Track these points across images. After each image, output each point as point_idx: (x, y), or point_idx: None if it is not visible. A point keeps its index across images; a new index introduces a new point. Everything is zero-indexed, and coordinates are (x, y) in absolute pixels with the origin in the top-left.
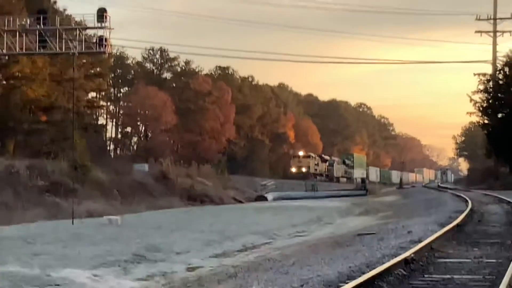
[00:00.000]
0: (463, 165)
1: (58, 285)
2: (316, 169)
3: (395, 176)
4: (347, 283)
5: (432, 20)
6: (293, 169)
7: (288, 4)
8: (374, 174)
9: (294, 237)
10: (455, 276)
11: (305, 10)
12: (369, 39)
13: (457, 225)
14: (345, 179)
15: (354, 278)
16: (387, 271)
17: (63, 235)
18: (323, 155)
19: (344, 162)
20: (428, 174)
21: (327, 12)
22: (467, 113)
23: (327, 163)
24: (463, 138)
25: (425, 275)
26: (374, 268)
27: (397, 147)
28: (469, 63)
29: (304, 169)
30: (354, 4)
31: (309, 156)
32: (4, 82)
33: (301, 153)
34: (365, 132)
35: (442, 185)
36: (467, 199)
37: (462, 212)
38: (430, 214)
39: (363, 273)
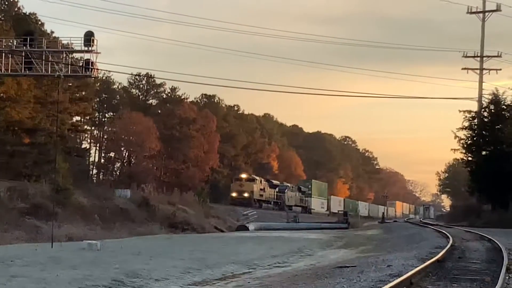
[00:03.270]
0: (446, 202)
1: None
2: (261, 195)
3: (362, 207)
4: None
5: (420, 56)
6: (234, 194)
7: (276, 35)
8: (337, 204)
9: (274, 267)
10: None
11: (293, 41)
12: (356, 72)
13: (438, 260)
14: (299, 208)
15: None
16: None
17: (42, 258)
18: (271, 180)
19: (299, 189)
20: (401, 208)
21: (315, 44)
22: (451, 149)
23: (277, 189)
24: (447, 175)
25: None
26: None
27: (381, 181)
28: (455, 99)
29: (246, 194)
30: (343, 37)
31: (253, 180)
32: None
33: (243, 175)
34: (349, 165)
35: (424, 220)
36: (449, 235)
37: (443, 248)
38: (411, 249)
39: None
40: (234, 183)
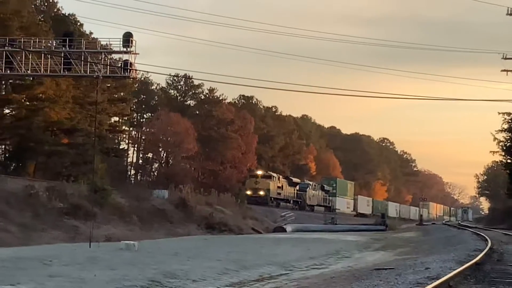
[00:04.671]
0: (485, 204)
1: None
2: (279, 193)
3: (392, 208)
4: None
5: (458, 58)
6: (248, 192)
7: (314, 37)
8: (364, 204)
9: (311, 269)
10: None
11: (331, 43)
12: (394, 74)
13: (476, 263)
14: (322, 208)
15: None
16: None
17: (80, 258)
18: (291, 177)
19: (322, 188)
20: (435, 210)
21: (353, 46)
22: (490, 151)
23: (297, 187)
24: (485, 177)
25: None
26: None
27: (419, 183)
28: (494, 101)
29: (261, 192)
30: (381, 39)
31: (269, 177)
32: (28, 103)
33: (259, 171)
34: (386, 167)
35: (462, 223)
36: (487, 238)
37: (482, 250)
38: (449, 251)
39: None
40: (249, 180)
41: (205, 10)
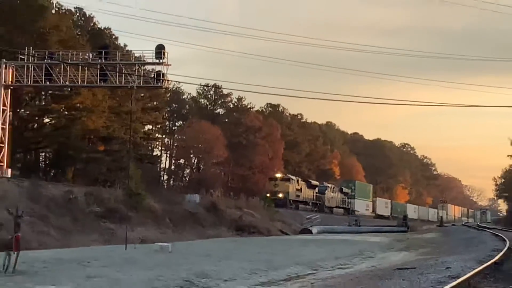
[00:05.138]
0: (503, 206)
1: None
2: (298, 195)
3: (410, 210)
4: None
5: (475, 66)
6: (268, 194)
7: (338, 47)
8: (383, 206)
9: (337, 269)
10: None
11: (354, 53)
12: (414, 82)
13: (495, 262)
14: (341, 210)
15: None
16: None
17: (116, 259)
18: (311, 180)
19: (341, 190)
20: (453, 211)
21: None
22: (508, 155)
23: (316, 190)
24: (503, 180)
25: None
26: None
27: (439, 186)
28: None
29: (280, 195)
30: (401, 48)
31: (288, 179)
32: (66, 112)
33: (278, 174)
34: (408, 172)
35: (481, 224)
36: (505, 238)
37: (500, 250)
38: (469, 252)
39: None
40: (268, 183)
41: (234, 23)
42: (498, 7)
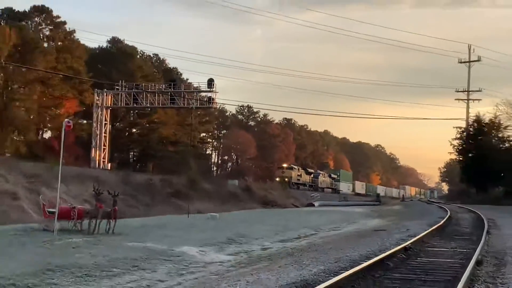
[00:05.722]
0: (445, 187)
1: (178, 256)
2: (298, 179)
3: (380, 190)
4: (365, 261)
5: (427, 91)
6: (277, 179)
7: (329, 79)
8: (360, 187)
9: (331, 230)
10: (438, 260)
11: (340, 83)
12: (384, 103)
13: (440, 226)
14: (330, 190)
15: (371, 258)
16: (393, 255)
17: (182, 224)
18: (307, 169)
19: (330, 176)
20: (410, 191)
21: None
22: (448, 152)
23: (312, 175)
24: (445, 169)
25: (418, 258)
26: (384, 252)
27: (401, 174)
28: (451, 119)
29: (286, 179)
30: (375, 79)
31: (291, 168)
32: (147, 125)
33: (284, 165)
34: (379, 164)
35: (430, 200)
36: (447, 210)
37: (444, 218)
38: (422, 218)
39: (377, 255)
40: (277, 171)
41: (260, 63)
42: (438, 51)
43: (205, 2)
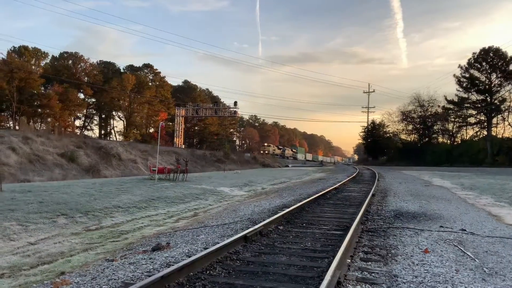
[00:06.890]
0: (356, 157)
1: (218, 192)
2: (273, 152)
3: (321, 158)
4: (315, 194)
5: (347, 107)
6: (261, 151)
7: (302, 101)
8: (310, 157)
9: (297, 179)
10: (352, 194)
11: (307, 103)
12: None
13: (353, 177)
14: (291, 158)
15: (318, 193)
16: (329, 191)
17: (220, 176)
18: (278, 146)
19: (292, 150)
20: (338, 159)
21: (308, 104)
22: (357, 139)
23: (281, 150)
24: (356, 147)
25: (342, 193)
26: (324, 190)
27: (333, 150)
28: (359, 122)
29: (266, 152)
30: (318, 101)
31: (269, 145)
32: (203, 125)
33: (265, 144)
34: (322, 145)
35: (349, 164)
36: (357, 168)
37: (355, 172)
38: (343, 173)
39: (321, 192)
40: (261, 147)
41: (261, 93)
42: (352, 86)
43: (232, 62)
